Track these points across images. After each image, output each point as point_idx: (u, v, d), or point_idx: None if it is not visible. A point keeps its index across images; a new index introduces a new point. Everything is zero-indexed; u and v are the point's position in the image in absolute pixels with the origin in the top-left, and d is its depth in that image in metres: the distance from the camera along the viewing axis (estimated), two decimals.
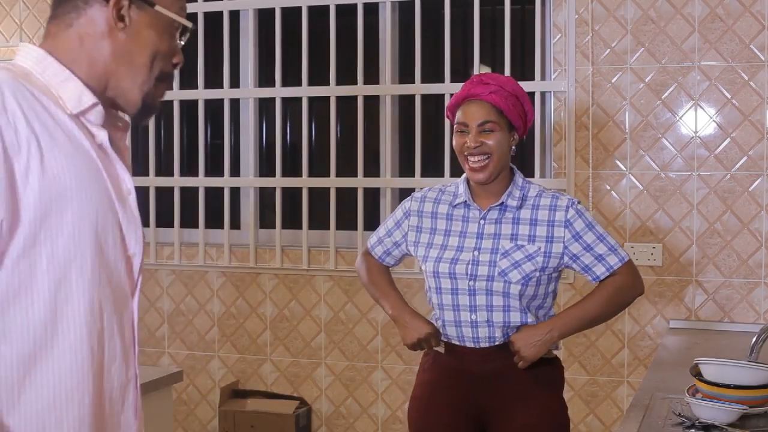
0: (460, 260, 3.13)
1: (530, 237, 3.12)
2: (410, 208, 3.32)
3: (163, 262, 5.30)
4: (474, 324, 3.13)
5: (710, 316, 4.43)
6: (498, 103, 3.07)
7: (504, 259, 3.10)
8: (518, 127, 3.15)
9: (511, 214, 3.15)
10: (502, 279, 3.09)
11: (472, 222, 3.19)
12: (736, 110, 4.35)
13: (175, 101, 5.24)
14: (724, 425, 2.61)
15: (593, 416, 4.60)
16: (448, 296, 3.16)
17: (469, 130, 3.10)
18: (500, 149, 3.10)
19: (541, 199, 3.17)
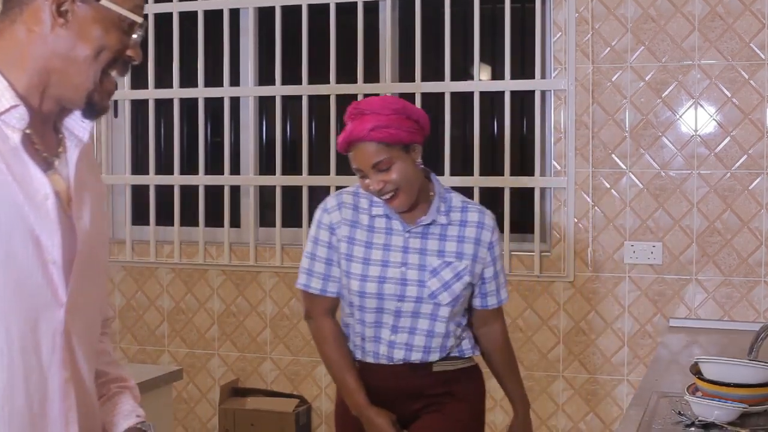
0: (388, 279, 3.02)
1: (458, 254, 3.06)
2: (332, 222, 3.12)
3: (163, 260, 5.30)
4: (392, 344, 3.07)
5: (710, 315, 4.43)
6: (382, 138, 2.92)
7: (433, 278, 3.02)
8: (413, 141, 2.99)
9: (437, 229, 3.07)
10: (431, 302, 3.02)
11: (396, 235, 3.07)
12: (737, 109, 4.35)
13: (175, 100, 5.24)
14: (724, 424, 2.61)
15: (593, 415, 4.60)
16: (371, 315, 3.07)
17: (366, 173, 2.97)
18: (405, 177, 2.96)
19: (468, 214, 3.12)
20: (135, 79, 5.35)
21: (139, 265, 5.36)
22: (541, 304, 4.66)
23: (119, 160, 5.46)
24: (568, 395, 4.65)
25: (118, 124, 5.46)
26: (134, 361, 5.35)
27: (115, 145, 5.48)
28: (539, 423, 4.68)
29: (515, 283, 4.68)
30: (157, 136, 5.38)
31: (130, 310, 5.40)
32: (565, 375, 4.64)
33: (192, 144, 5.32)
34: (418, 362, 3.09)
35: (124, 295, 5.40)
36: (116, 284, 5.41)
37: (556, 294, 4.63)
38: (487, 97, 4.81)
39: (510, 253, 4.67)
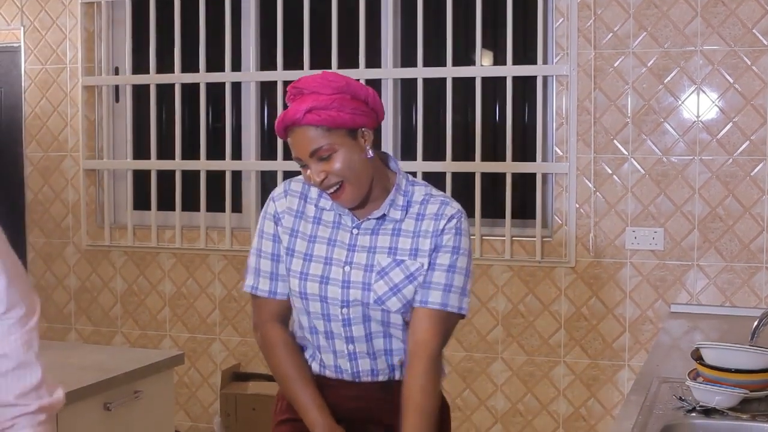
0: (331, 280, 2.60)
1: (412, 251, 2.59)
2: (277, 211, 2.70)
3: (165, 245, 5.30)
4: (352, 356, 2.65)
5: (711, 301, 4.43)
6: (320, 122, 2.48)
7: (380, 280, 2.57)
8: (363, 123, 2.55)
9: (391, 225, 2.62)
10: (378, 308, 2.58)
11: (343, 230, 2.64)
12: (739, 95, 4.34)
13: (176, 85, 5.23)
14: (725, 409, 2.61)
15: (594, 400, 4.61)
16: (319, 321, 2.64)
17: (305, 163, 2.55)
18: (350, 167, 2.52)
19: (428, 206, 2.63)
20: (136, 64, 5.34)
21: (141, 250, 5.36)
22: (542, 290, 4.66)
23: (120, 145, 5.45)
24: (569, 380, 4.65)
25: (120, 109, 5.45)
26: (136, 345, 5.35)
27: (116, 130, 5.48)
28: (540, 408, 4.69)
29: (517, 269, 4.68)
30: (159, 121, 5.38)
31: (131, 295, 5.40)
32: (567, 360, 4.65)
33: (193, 129, 5.31)
34: (385, 381, 2.68)
35: (126, 280, 5.41)
36: (118, 269, 5.42)
37: (557, 279, 4.64)
38: (489, 82, 4.81)
39: (511, 239, 4.67)
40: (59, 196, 5.53)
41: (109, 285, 5.46)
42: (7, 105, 5.71)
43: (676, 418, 2.61)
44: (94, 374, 3.19)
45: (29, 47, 5.53)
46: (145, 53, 5.31)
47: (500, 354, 4.74)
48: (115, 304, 5.46)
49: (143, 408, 3.37)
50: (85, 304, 5.53)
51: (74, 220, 5.51)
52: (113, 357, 3.51)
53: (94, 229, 5.46)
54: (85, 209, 5.45)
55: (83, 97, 5.40)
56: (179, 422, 5.26)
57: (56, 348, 3.76)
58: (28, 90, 5.56)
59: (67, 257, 5.55)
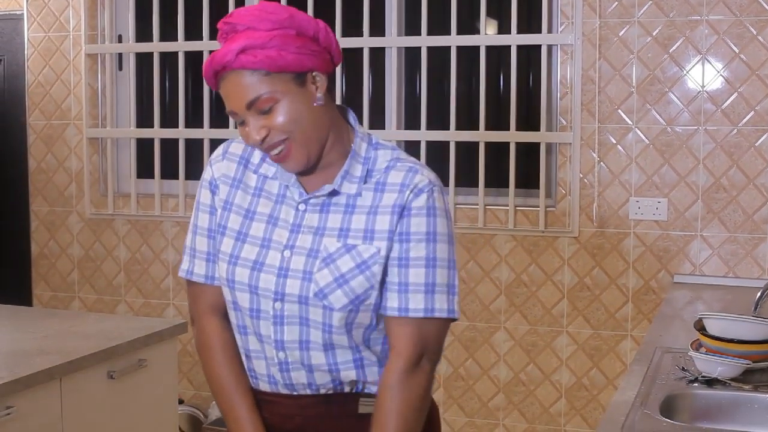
0: (265, 266, 2.09)
1: (367, 233, 2.06)
2: (213, 176, 2.22)
3: (168, 214, 5.30)
4: (284, 365, 2.11)
5: (715, 271, 4.43)
6: (256, 65, 1.98)
7: (324, 269, 2.05)
8: (312, 65, 2.03)
9: (343, 198, 2.09)
10: (319, 303, 2.05)
11: (288, 205, 2.13)
12: (744, 64, 4.32)
13: (180, 53, 5.22)
14: (728, 380, 2.62)
15: (596, 370, 4.62)
16: (247, 318, 2.13)
17: (241, 117, 2.04)
18: (297, 120, 2.01)
19: (390, 174, 2.09)
20: (140, 32, 5.33)
21: (144, 219, 5.36)
22: (545, 260, 4.66)
23: (124, 113, 5.44)
24: (571, 350, 4.66)
25: (123, 77, 5.44)
26: (140, 314, 5.37)
27: (119, 98, 5.47)
28: (543, 378, 4.70)
29: (520, 238, 4.68)
30: (162, 89, 5.37)
31: (135, 263, 5.41)
32: (569, 330, 4.65)
33: (197, 97, 5.30)
34: (332, 394, 2.15)
35: (129, 248, 5.41)
36: (121, 238, 5.42)
37: (560, 249, 4.63)
38: (494, 51, 4.79)
39: (515, 209, 4.67)
40: (62, 165, 5.53)
41: (112, 254, 5.47)
42: (10, 73, 5.70)
43: (679, 389, 2.61)
44: (98, 342, 3.20)
45: (32, 15, 5.51)
46: (148, 21, 5.29)
47: (503, 324, 4.74)
48: (118, 273, 5.46)
49: (147, 376, 3.39)
50: (88, 273, 5.54)
51: (77, 189, 5.51)
52: (117, 325, 3.52)
53: (97, 198, 5.46)
54: (88, 178, 5.45)
55: (86, 65, 5.39)
56: (183, 390, 5.28)
57: (60, 316, 3.77)
58: (30, 58, 5.55)
59: (70, 226, 5.56)
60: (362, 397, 2.14)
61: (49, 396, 2.93)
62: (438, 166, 4.38)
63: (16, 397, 2.78)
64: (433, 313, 2.05)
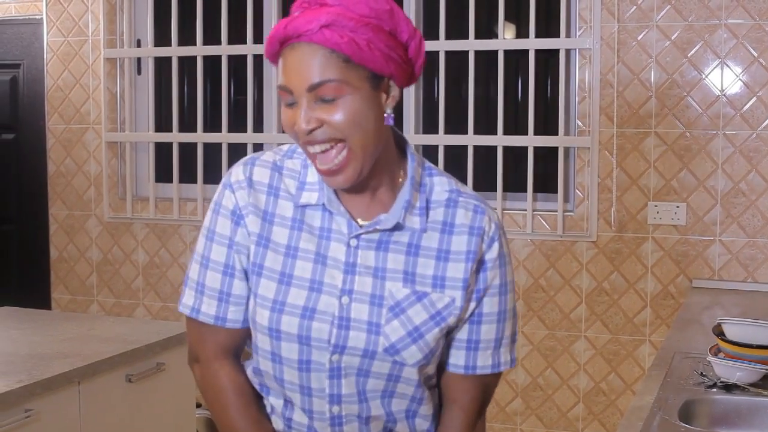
0: (318, 313, 1.80)
1: (437, 280, 1.83)
2: (238, 206, 1.86)
3: (186, 218, 5.31)
4: (336, 419, 1.86)
5: (734, 276, 4.42)
6: (338, 46, 1.68)
7: (394, 320, 1.80)
8: (392, 73, 1.79)
9: (405, 236, 1.83)
10: (389, 359, 1.81)
11: (336, 240, 1.83)
12: (763, 69, 4.31)
13: (198, 57, 5.23)
14: (746, 385, 2.61)
15: (615, 374, 4.61)
16: (292, 371, 1.84)
17: (296, 99, 1.72)
18: (359, 124, 1.72)
19: (457, 212, 1.86)
20: (158, 36, 5.35)
21: (163, 223, 5.37)
22: (563, 264, 4.66)
23: (142, 117, 5.46)
24: (589, 355, 4.65)
25: (142, 81, 5.46)
26: (158, 317, 5.38)
27: (138, 102, 5.49)
28: (560, 382, 4.69)
29: (538, 243, 4.68)
30: (181, 93, 5.38)
31: (153, 267, 5.42)
32: (587, 335, 4.64)
33: (215, 101, 5.32)
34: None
35: (148, 252, 5.43)
36: (139, 242, 5.44)
37: (578, 254, 4.63)
38: (512, 55, 4.78)
39: (533, 213, 4.66)
40: (81, 169, 5.55)
41: (131, 257, 5.49)
42: (30, 77, 5.72)
43: (697, 394, 2.60)
44: (117, 346, 3.21)
45: (51, 19, 5.54)
46: (167, 25, 5.31)
47: (521, 328, 4.74)
48: (137, 277, 5.48)
49: (165, 380, 3.40)
50: (107, 277, 5.56)
51: (96, 193, 5.53)
52: (135, 329, 3.53)
53: (116, 202, 5.48)
54: (107, 182, 5.47)
55: (105, 69, 5.41)
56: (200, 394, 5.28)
57: (79, 320, 3.78)
58: (50, 62, 5.58)
59: (89, 229, 5.58)
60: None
61: (68, 399, 2.94)
62: (456, 170, 4.37)
63: (35, 400, 2.79)
64: (499, 368, 1.93)
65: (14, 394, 2.71)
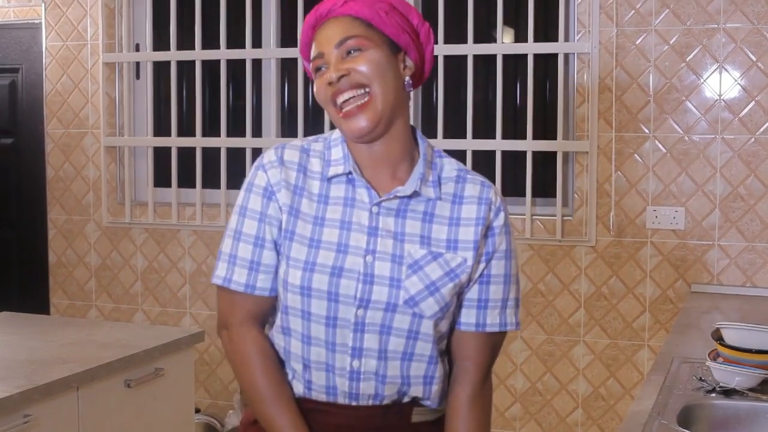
0: (346, 271, 2.01)
1: (450, 242, 2.06)
2: (270, 183, 2.09)
3: (185, 223, 5.31)
4: (355, 375, 2.03)
5: (732, 281, 4.42)
6: (360, 13, 2.02)
7: (413, 275, 2.01)
8: (406, 46, 2.06)
9: (421, 205, 2.07)
10: (409, 311, 2.01)
11: (360, 208, 2.06)
12: (762, 73, 4.31)
13: (197, 62, 5.23)
14: (745, 390, 2.61)
15: (614, 380, 4.60)
16: (320, 327, 2.03)
17: (327, 60, 2.02)
18: (382, 76, 2.00)
19: (466, 186, 2.13)
20: (157, 41, 5.35)
21: (162, 228, 5.37)
22: (562, 269, 4.65)
23: (141, 122, 5.46)
24: (588, 360, 4.65)
25: (140, 86, 5.46)
26: (156, 323, 5.38)
27: (137, 107, 5.49)
28: (559, 387, 4.69)
29: (537, 247, 4.67)
30: (179, 98, 5.38)
31: (152, 272, 5.42)
32: (586, 340, 4.64)
33: (214, 106, 5.32)
34: (391, 404, 2.09)
35: (146, 257, 5.43)
36: (138, 246, 5.44)
37: (577, 258, 4.62)
38: (510, 59, 4.79)
39: (532, 218, 4.66)
40: (80, 173, 5.55)
41: (129, 262, 5.48)
42: (28, 82, 5.72)
43: (696, 399, 2.60)
44: (115, 351, 3.21)
45: (50, 24, 5.54)
46: (165, 30, 5.31)
47: (520, 333, 4.73)
48: (135, 282, 5.48)
49: (164, 385, 3.39)
50: (105, 282, 5.55)
51: (95, 198, 5.53)
52: (134, 334, 3.53)
53: (114, 207, 5.48)
54: (105, 186, 5.47)
55: (104, 73, 5.41)
56: (199, 399, 5.29)
57: (77, 325, 3.78)
58: (48, 67, 5.58)
59: (87, 234, 5.57)
60: (416, 407, 2.12)
61: (67, 405, 2.94)
62: None
63: (34, 405, 2.79)
64: (506, 327, 2.15)
65: (13, 399, 2.71)
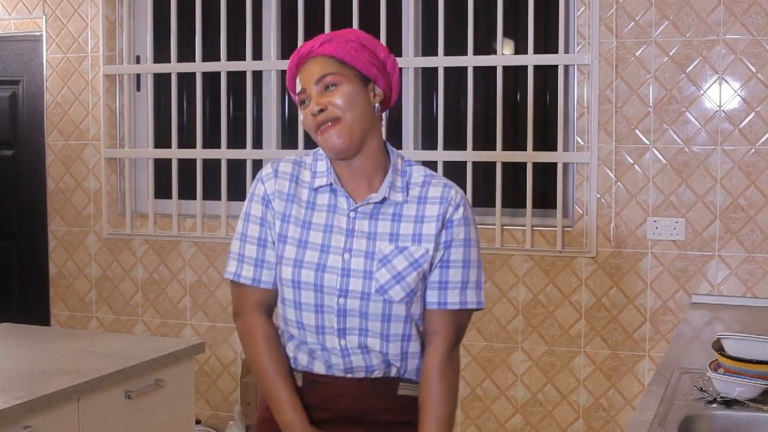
0: (328, 267, 2.41)
1: (415, 236, 2.43)
2: (266, 192, 2.50)
3: (185, 234, 5.31)
4: (345, 351, 2.44)
5: (733, 291, 4.42)
6: (334, 53, 2.41)
7: (382, 268, 2.40)
8: (375, 77, 2.45)
9: (390, 208, 2.45)
10: (380, 298, 2.40)
11: (340, 214, 2.45)
12: (761, 84, 4.32)
13: (197, 73, 5.24)
14: (746, 400, 2.61)
15: (614, 390, 4.60)
16: (310, 314, 2.43)
17: (309, 95, 2.43)
18: (353, 106, 2.39)
19: (429, 189, 2.48)
20: (157, 53, 5.35)
21: (162, 239, 5.37)
22: (563, 280, 4.65)
23: (142, 133, 5.47)
24: (589, 371, 4.64)
25: (141, 97, 5.47)
26: (157, 334, 5.37)
27: (137, 118, 5.49)
28: (560, 398, 4.68)
29: (537, 258, 4.68)
30: (180, 109, 5.39)
31: (152, 283, 5.42)
32: (587, 350, 4.64)
33: (214, 118, 5.32)
34: (380, 378, 2.48)
35: (147, 268, 5.43)
36: (139, 258, 5.44)
37: (578, 269, 4.63)
38: (510, 71, 4.79)
39: (532, 229, 4.66)
40: (80, 185, 5.55)
41: (130, 274, 5.48)
42: (29, 94, 5.73)
43: (697, 409, 2.60)
44: (116, 363, 3.21)
45: (51, 36, 5.55)
46: (166, 42, 5.32)
47: (520, 344, 4.73)
48: (136, 293, 5.48)
49: (164, 396, 3.39)
50: (106, 293, 5.55)
51: (95, 209, 5.53)
52: (134, 345, 3.52)
53: (115, 218, 5.49)
54: (106, 198, 5.47)
55: (104, 85, 5.42)
56: (200, 411, 5.28)
57: (78, 336, 3.78)
58: (49, 79, 5.59)
59: (88, 246, 5.58)
60: (402, 381, 2.50)
61: (67, 416, 2.94)
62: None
63: (34, 417, 2.79)
64: (466, 306, 2.48)
65: (13, 411, 2.71)
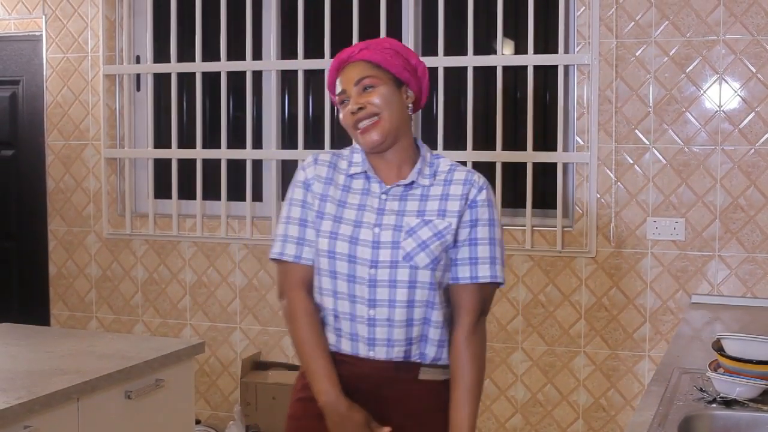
0: (360, 240, 2.64)
1: (440, 211, 2.66)
2: (307, 178, 2.76)
3: (186, 234, 5.31)
4: (371, 321, 2.63)
5: (733, 291, 4.42)
6: (371, 58, 2.67)
7: (409, 238, 2.62)
8: (407, 81, 2.72)
9: (419, 190, 2.69)
10: (407, 264, 2.60)
11: (372, 196, 2.70)
12: (761, 84, 4.32)
13: (197, 73, 5.24)
14: (746, 400, 2.61)
15: (614, 390, 4.60)
16: (343, 283, 2.65)
17: (349, 95, 2.69)
18: (389, 105, 2.66)
19: (455, 173, 2.72)
20: (157, 53, 5.35)
21: (162, 239, 5.37)
22: (562, 280, 4.65)
23: (142, 133, 5.47)
24: (589, 371, 4.65)
25: (141, 98, 5.47)
26: (156, 334, 5.38)
27: (137, 118, 5.49)
28: (560, 398, 4.68)
29: (537, 259, 4.68)
30: (180, 109, 5.39)
31: (152, 283, 5.42)
32: (587, 350, 4.64)
33: (214, 118, 5.32)
34: (400, 361, 2.64)
35: (147, 268, 5.43)
36: (139, 258, 5.44)
37: (578, 269, 4.63)
38: (510, 71, 4.79)
39: (532, 229, 4.67)
40: (80, 185, 5.55)
41: (130, 274, 5.49)
42: (29, 94, 5.73)
43: (697, 409, 2.60)
44: (116, 363, 3.20)
45: (51, 36, 5.55)
46: (166, 42, 5.32)
47: (520, 344, 4.73)
48: (136, 293, 5.48)
49: (164, 396, 3.39)
50: (106, 293, 5.55)
51: (95, 209, 5.53)
52: (134, 345, 3.52)
53: (115, 218, 5.49)
54: (106, 198, 5.47)
55: (104, 85, 5.42)
56: (200, 410, 5.28)
57: (78, 336, 3.78)
58: (49, 79, 5.59)
59: (88, 246, 5.58)
60: (423, 366, 2.68)
61: (67, 416, 2.94)
62: None
63: (34, 417, 2.78)
64: (496, 279, 2.67)
65: (13, 411, 2.71)
